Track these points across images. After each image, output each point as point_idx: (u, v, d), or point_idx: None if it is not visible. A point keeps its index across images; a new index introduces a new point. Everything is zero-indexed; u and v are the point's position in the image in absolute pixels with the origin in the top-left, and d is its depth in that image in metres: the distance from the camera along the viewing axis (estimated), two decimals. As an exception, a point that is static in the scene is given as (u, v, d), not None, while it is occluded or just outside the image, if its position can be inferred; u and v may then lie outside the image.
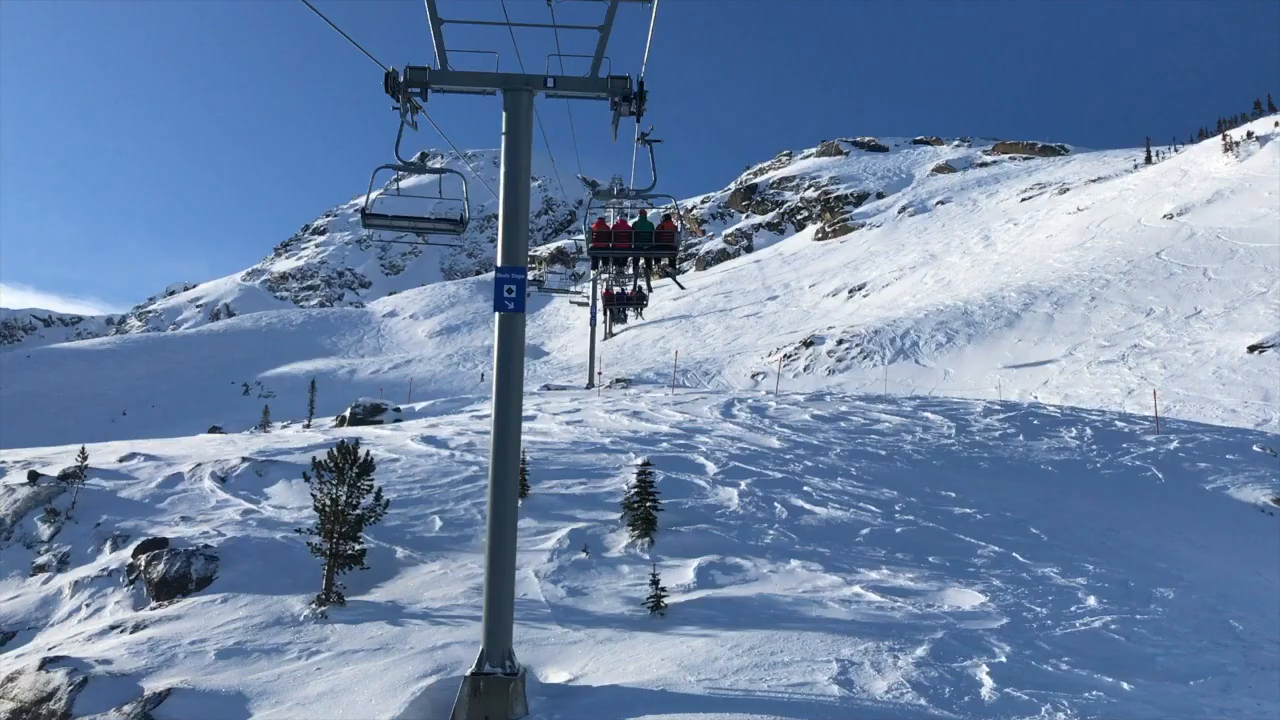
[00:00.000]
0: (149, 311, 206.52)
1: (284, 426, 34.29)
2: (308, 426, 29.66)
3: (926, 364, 51.38)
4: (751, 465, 15.80)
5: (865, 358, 54.36)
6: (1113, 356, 45.81)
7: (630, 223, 17.48)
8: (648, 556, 12.19)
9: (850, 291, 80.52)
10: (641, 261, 18.50)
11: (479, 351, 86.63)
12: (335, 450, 12.64)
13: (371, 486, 12.64)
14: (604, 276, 21.91)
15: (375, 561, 12.96)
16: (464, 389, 74.04)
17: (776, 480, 14.79)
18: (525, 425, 21.68)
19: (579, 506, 13.86)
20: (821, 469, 15.85)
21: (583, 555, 12.31)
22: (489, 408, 9.67)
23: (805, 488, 14.41)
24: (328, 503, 12.42)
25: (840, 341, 57.25)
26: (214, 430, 73.29)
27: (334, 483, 12.52)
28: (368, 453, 12.72)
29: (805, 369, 55.27)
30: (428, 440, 18.07)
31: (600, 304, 31.68)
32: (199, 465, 16.53)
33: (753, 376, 56.86)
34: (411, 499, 14.57)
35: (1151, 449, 19.50)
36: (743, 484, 14.48)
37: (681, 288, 26.18)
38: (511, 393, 8.82)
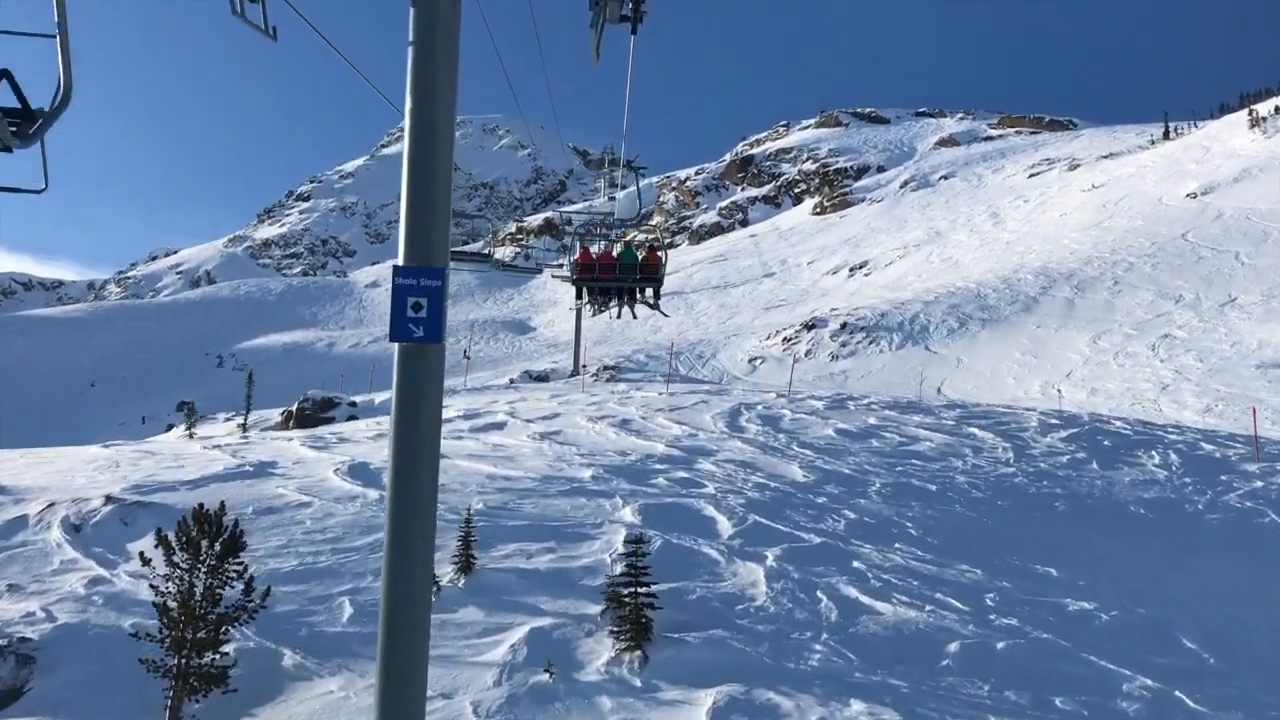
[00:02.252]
0: (129, 277, 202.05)
1: (227, 419, 30.35)
2: (244, 427, 25.76)
3: (938, 351, 47.59)
4: (777, 520, 11.96)
5: (871, 343, 50.53)
6: (1141, 347, 42.14)
7: (615, 252, 16.11)
8: (639, 682, 8.39)
9: (851, 270, 76.63)
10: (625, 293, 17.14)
11: (461, 325, 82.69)
12: (189, 520, 8.77)
13: (242, 571, 8.79)
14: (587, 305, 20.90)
15: (252, 670, 9.14)
16: (443, 367, 69.92)
17: (814, 549, 10.95)
18: (491, 440, 17.88)
19: (544, 590, 10.01)
20: (870, 525, 12.02)
21: (545, 677, 8.49)
22: (455, 402, 5.63)
23: (855, 561, 10.58)
24: (176, 595, 8.58)
25: (844, 325, 53.40)
26: (182, 406, 69.00)
27: (187, 566, 8.68)
28: (235, 523, 8.84)
29: (806, 354, 51.38)
30: (354, 473, 14.15)
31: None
32: (51, 505, 12.63)
33: (750, 361, 52.99)
34: (316, 569, 10.69)
35: (1259, 483, 15.82)
36: (769, 556, 10.64)
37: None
38: (419, 487, 4.87)
